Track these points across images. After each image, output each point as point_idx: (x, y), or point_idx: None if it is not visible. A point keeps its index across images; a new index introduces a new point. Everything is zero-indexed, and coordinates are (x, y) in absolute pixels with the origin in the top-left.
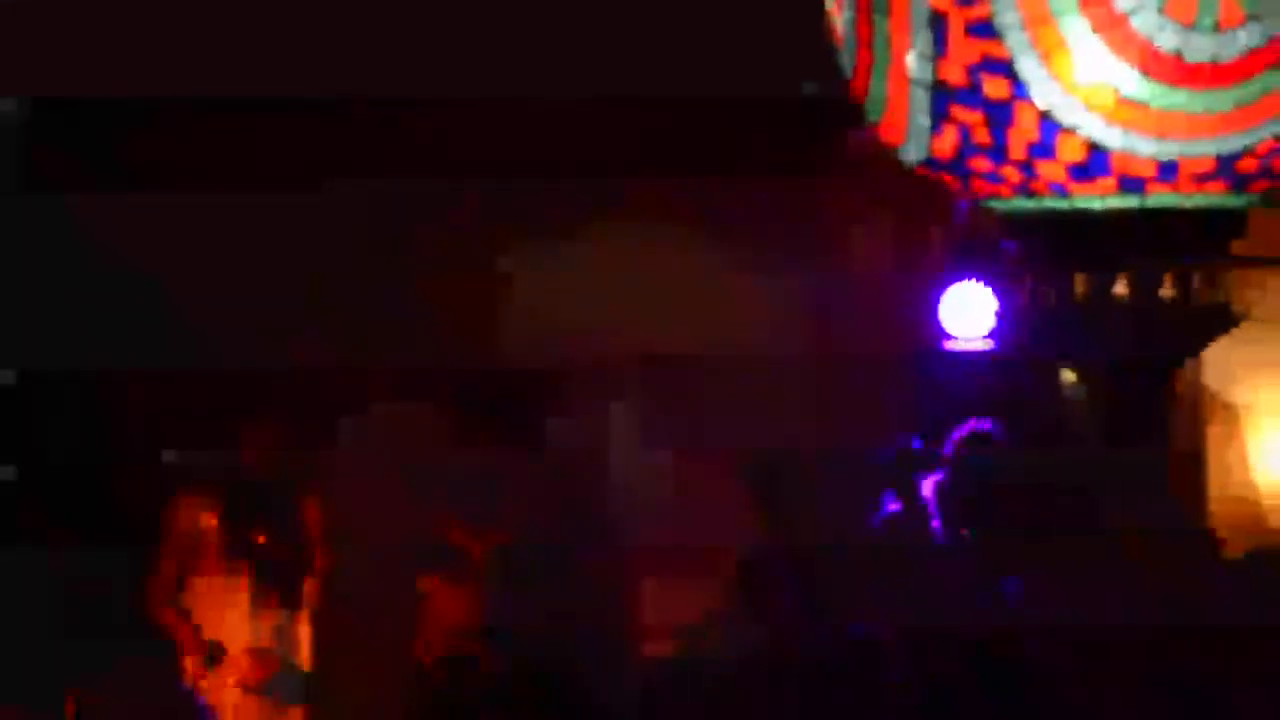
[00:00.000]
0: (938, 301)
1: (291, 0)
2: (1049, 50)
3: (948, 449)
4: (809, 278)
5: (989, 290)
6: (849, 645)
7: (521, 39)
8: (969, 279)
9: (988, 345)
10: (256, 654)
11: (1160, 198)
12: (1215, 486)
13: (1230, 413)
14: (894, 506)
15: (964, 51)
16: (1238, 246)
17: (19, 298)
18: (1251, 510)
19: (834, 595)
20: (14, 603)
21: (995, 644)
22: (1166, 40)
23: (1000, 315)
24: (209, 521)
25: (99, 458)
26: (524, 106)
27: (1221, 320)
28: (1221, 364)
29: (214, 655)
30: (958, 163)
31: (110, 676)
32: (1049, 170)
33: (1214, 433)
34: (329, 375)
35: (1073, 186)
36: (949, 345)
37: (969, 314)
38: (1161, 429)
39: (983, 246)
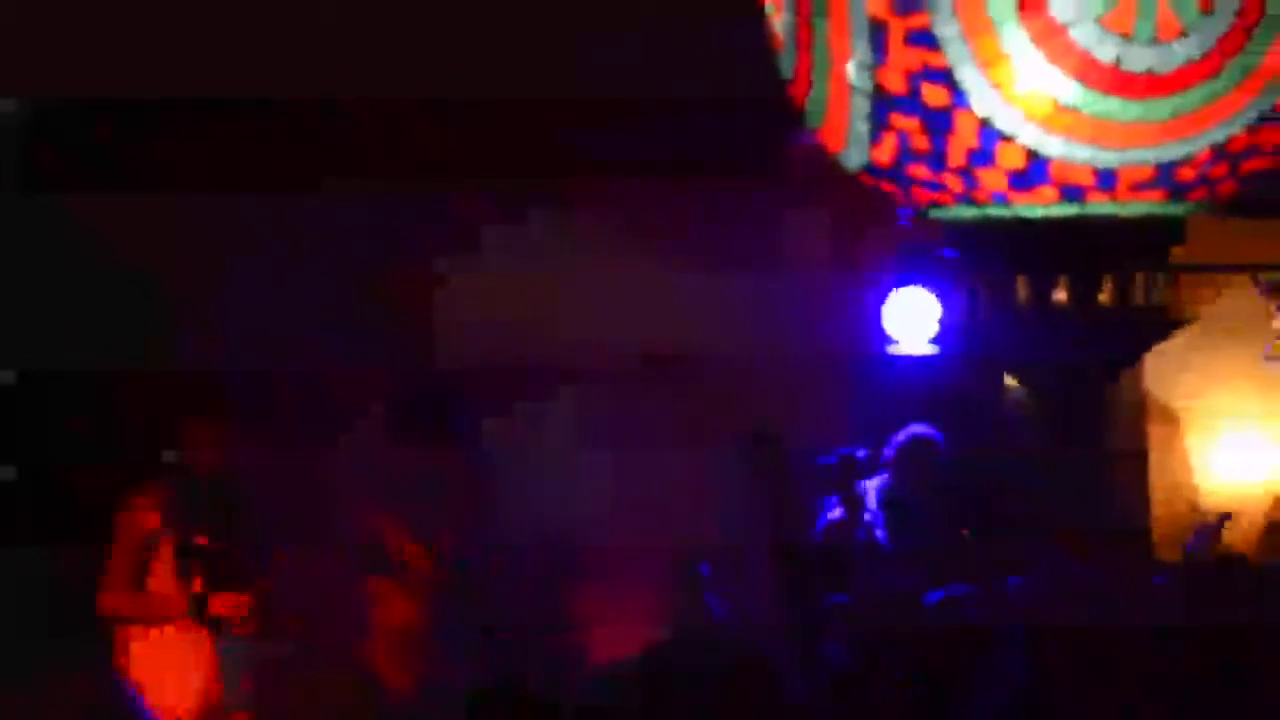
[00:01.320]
0: (881, 306)
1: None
2: (988, 59)
3: (888, 453)
4: (751, 281)
5: (933, 296)
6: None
7: (465, 41)
8: (913, 284)
9: (931, 350)
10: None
11: (1099, 206)
12: (1157, 488)
13: (1172, 416)
14: (839, 510)
15: (903, 59)
16: (1181, 254)
17: (17, 297)
18: (1193, 512)
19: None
20: None
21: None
22: (1105, 51)
23: (944, 321)
24: (158, 521)
25: (74, 457)
26: (469, 107)
27: (1161, 325)
28: (1164, 368)
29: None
30: (898, 170)
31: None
32: (989, 178)
33: (1156, 435)
34: (286, 378)
35: (1013, 195)
36: (892, 350)
37: (913, 319)
38: (1102, 433)
39: (927, 252)
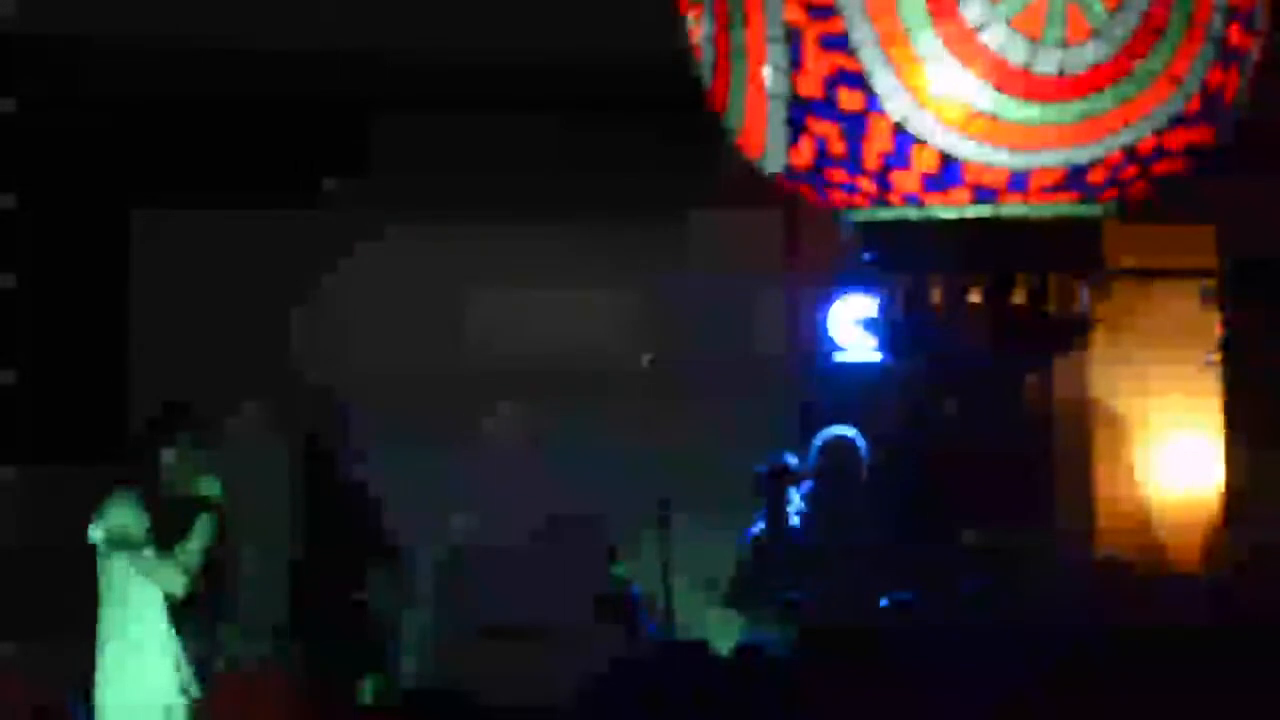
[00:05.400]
0: (824, 312)
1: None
2: (902, 63)
3: (812, 458)
4: (691, 284)
5: (874, 301)
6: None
7: (392, 37)
8: (855, 291)
9: (873, 357)
10: None
11: (1012, 208)
12: (1100, 493)
13: (1115, 421)
14: (767, 519)
15: (819, 64)
16: (1124, 259)
17: (15, 298)
18: (1138, 517)
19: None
20: None
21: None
22: (1015, 54)
23: (873, 325)
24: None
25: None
26: (396, 104)
27: (1075, 327)
28: (1106, 374)
29: None
30: (815, 173)
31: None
32: (903, 181)
33: (1099, 440)
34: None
35: (927, 197)
36: (836, 356)
37: (855, 326)
38: (1030, 434)
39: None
